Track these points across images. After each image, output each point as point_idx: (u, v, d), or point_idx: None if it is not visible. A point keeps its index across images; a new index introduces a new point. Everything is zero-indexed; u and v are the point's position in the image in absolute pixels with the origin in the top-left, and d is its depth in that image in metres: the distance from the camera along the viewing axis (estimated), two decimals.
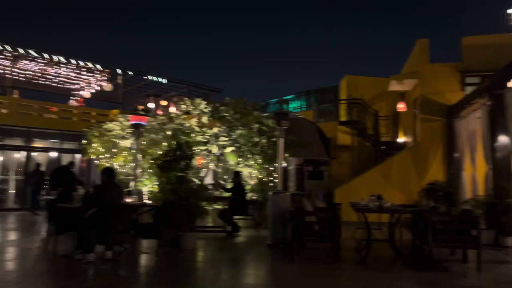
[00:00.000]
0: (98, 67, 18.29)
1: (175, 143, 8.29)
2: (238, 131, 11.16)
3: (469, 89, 12.15)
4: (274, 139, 10.82)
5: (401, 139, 16.64)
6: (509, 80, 8.42)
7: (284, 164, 11.56)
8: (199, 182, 10.03)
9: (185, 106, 11.56)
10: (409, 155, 13.32)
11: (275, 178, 10.69)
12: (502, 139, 8.87)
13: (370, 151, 16.15)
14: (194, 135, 11.14)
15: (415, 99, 14.16)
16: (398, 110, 15.91)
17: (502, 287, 5.12)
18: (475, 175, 10.41)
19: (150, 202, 8.26)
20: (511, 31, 12.79)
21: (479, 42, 12.73)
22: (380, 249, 7.30)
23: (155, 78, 19.22)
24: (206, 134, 11.20)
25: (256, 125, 11.10)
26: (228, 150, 11.26)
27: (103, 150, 11.03)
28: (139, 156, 10.38)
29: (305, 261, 6.61)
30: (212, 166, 11.39)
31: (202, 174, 11.20)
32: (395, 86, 14.79)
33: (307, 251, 7.47)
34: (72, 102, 20.35)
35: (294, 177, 14.17)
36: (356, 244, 7.66)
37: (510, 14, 13.01)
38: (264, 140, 11.16)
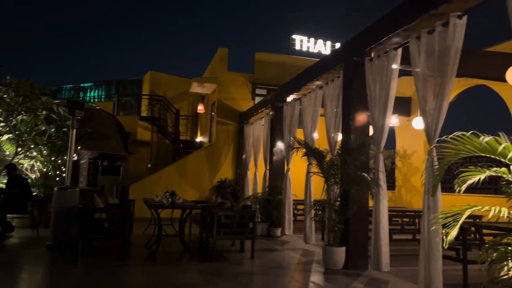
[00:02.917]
0: None
1: None
2: (20, 117, 9.71)
3: (258, 99, 13.82)
4: (65, 129, 9.88)
5: (198, 139, 17.59)
6: (288, 96, 9.91)
7: (75, 157, 10.68)
8: None
9: None
10: (204, 155, 14.18)
11: (63, 172, 9.74)
12: (279, 144, 10.43)
13: (169, 148, 16.51)
14: None
15: (213, 102, 15.19)
16: (198, 111, 16.83)
17: (268, 271, 6.01)
18: (257, 175, 11.90)
19: None
20: (294, 53, 15.12)
21: (268, 59, 14.60)
22: (170, 244, 7.57)
23: None
24: None
25: (44, 112, 9.88)
26: (4, 137, 9.67)
27: None
28: None
29: (90, 260, 6.26)
30: None
31: None
32: (196, 88, 15.55)
33: (94, 250, 7.10)
34: None
35: (86, 172, 13.22)
36: (147, 240, 7.72)
37: (294, 39, 15.32)
38: (53, 130, 10.04)
